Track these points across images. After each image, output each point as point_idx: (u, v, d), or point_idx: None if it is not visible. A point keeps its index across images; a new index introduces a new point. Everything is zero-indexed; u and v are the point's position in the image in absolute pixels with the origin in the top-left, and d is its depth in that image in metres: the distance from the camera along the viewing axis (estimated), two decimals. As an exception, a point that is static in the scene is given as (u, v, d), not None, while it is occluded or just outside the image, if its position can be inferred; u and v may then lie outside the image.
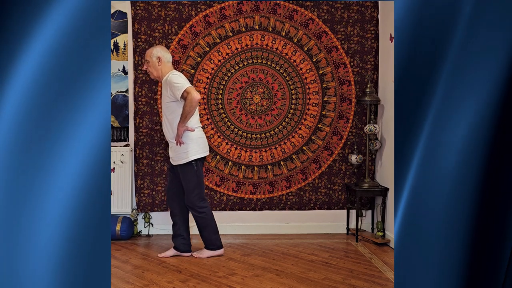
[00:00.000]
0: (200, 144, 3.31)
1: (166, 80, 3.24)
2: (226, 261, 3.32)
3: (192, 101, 3.12)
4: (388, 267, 3.18)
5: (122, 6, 3.93)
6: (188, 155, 3.25)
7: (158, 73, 3.33)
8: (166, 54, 3.35)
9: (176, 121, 3.22)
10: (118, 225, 3.80)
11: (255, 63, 3.99)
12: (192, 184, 3.30)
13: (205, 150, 3.36)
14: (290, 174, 4.06)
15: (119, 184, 3.94)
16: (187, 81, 3.25)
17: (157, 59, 3.31)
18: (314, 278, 2.97)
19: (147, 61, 3.34)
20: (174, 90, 3.16)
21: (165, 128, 3.35)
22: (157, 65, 3.31)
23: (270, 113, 4.03)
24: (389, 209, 3.76)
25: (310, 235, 4.01)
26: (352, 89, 4.04)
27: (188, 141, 3.25)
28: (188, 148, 3.25)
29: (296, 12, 3.97)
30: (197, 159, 3.28)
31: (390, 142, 3.79)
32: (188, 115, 3.15)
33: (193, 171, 3.28)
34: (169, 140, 3.35)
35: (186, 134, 3.24)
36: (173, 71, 3.29)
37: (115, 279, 2.93)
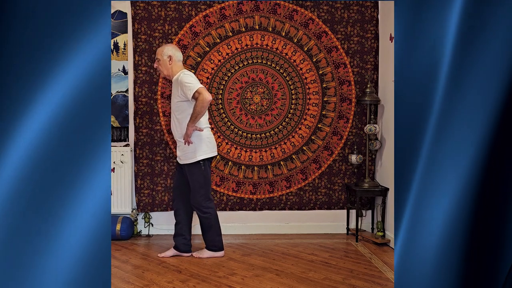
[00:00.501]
0: (209, 144, 3.30)
1: (177, 79, 3.23)
2: (226, 261, 3.32)
3: (203, 102, 3.11)
4: (388, 267, 3.18)
5: (122, 6, 3.93)
6: (196, 154, 3.24)
7: (169, 72, 3.32)
8: (177, 53, 3.34)
9: (185, 120, 3.21)
10: (118, 225, 3.80)
11: (255, 63, 3.99)
12: (198, 184, 3.29)
13: (213, 150, 3.34)
14: (290, 174, 4.06)
15: (119, 184, 3.94)
16: (198, 81, 3.23)
17: (168, 57, 3.29)
18: (314, 278, 2.97)
19: (158, 59, 3.32)
20: (185, 90, 3.15)
21: (173, 127, 3.34)
22: (168, 64, 3.30)
23: (270, 113, 4.03)
24: (389, 209, 3.76)
25: (310, 235, 4.01)
26: (352, 89, 4.04)
27: (196, 141, 3.24)
28: (196, 148, 3.24)
29: (296, 12, 3.97)
30: (205, 159, 3.27)
31: (390, 142, 3.79)
32: (198, 115, 3.14)
33: (200, 171, 3.27)
34: (177, 139, 3.34)
35: (195, 133, 3.23)
36: (184, 70, 3.28)
37: (115, 279, 2.93)
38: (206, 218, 3.33)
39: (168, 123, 3.95)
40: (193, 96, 3.13)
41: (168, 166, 3.99)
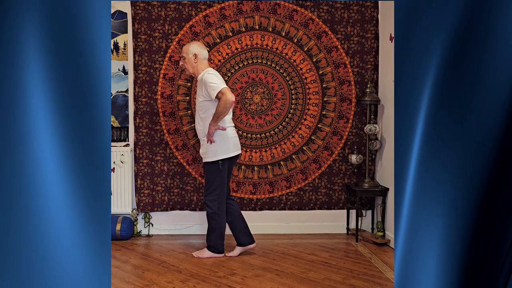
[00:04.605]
0: (231, 144, 3.29)
1: (202, 78, 3.22)
2: (226, 261, 3.32)
3: (226, 103, 3.11)
4: (388, 267, 3.18)
5: (122, 6, 3.93)
6: (216, 153, 3.25)
7: (194, 70, 3.31)
8: (203, 51, 3.32)
9: (209, 119, 3.22)
10: (118, 225, 3.80)
11: (255, 63, 3.99)
12: (213, 184, 3.29)
13: (234, 150, 3.32)
14: (290, 174, 4.06)
15: (119, 184, 3.94)
16: (222, 81, 3.22)
17: (194, 56, 3.28)
18: (314, 278, 2.97)
19: (183, 58, 3.31)
20: (209, 90, 3.15)
21: (197, 125, 3.35)
22: (193, 62, 3.29)
23: (270, 113, 4.03)
24: (389, 209, 3.77)
25: (310, 235, 4.01)
26: (352, 89, 4.04)
27: (219, 140, 3.25)
28: (218, 147, 3.25)
29: (296, 12, 3.97)
30: (224, 159, 3.27)
31: (390, 142, 3.79)
32: (220, 115, 3.15)
33: (218, 171, 3.27)
34: (200, 137, 3.35)
35: (218, 132, 3.24)
36: (208, 69, 3.26)
37: (115, 279, 2.93)
38: (213, 219, 3.33)
39: (168, 123, 3.95)
40: (216, 96, 3.14)
41: (168, 166, 3.99)
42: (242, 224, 3.44)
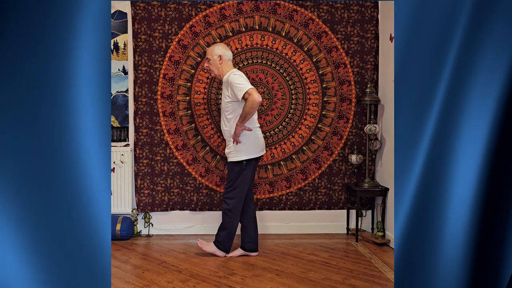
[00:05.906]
0: (256, 144, 3.30)
1: (227, 79, 3.23)
2: (226, 261, 3.32)
3: (253, 103, 3.11)
4: (388, 267, 3.18)
5: (122, 6, 3.93)
6: (241, 154, 3.26)
7: (219, 72, 3.31)
8: (227, 52, 3.33)
9: (235, 120, 3.23)
10: (118, 225, 3.80)
11: (255, 63, 3.99)
12: (235, 183, 3.30)
13: (259, 151, 3.33)
14: (290, 174, 4.06)
15: (119, 184, 3.94)
16: (248, 82, 3.23)
17: (219, 57, 3.29)
18: (314, 278, 2.97)
19: (208, 59, 3.32)
20: (235, 90, 3.15)
21: (223, 126, 3.35)
22: (218, 64, 3.30)
23: (270, 113, 4.03)
24: (389, 209, 3.76)
25: (310, 235, 4.01)
26: (352, 89, 4.04)
27: (245, 140, 3.25)
28: (243, 148, 3.25)
29: (296, 12, 3.97)
30: (249, 159, 3.28)
31: (390, 142, 3.79)
32: (247, 116, 3.15)
33: (241, 170, 3.28)
34: (226, 138, 3.36)
35: (244, 133, 3.25)
36: (233, 71, 3.27)
37: (115, 279, 2.93)
38: (227, 215, 3.34)
39: (168, 123, 3.95)
40: (243, 97, 3.14)
41: (168, 166, 3.99)
42: (254, 231, 3.44)
